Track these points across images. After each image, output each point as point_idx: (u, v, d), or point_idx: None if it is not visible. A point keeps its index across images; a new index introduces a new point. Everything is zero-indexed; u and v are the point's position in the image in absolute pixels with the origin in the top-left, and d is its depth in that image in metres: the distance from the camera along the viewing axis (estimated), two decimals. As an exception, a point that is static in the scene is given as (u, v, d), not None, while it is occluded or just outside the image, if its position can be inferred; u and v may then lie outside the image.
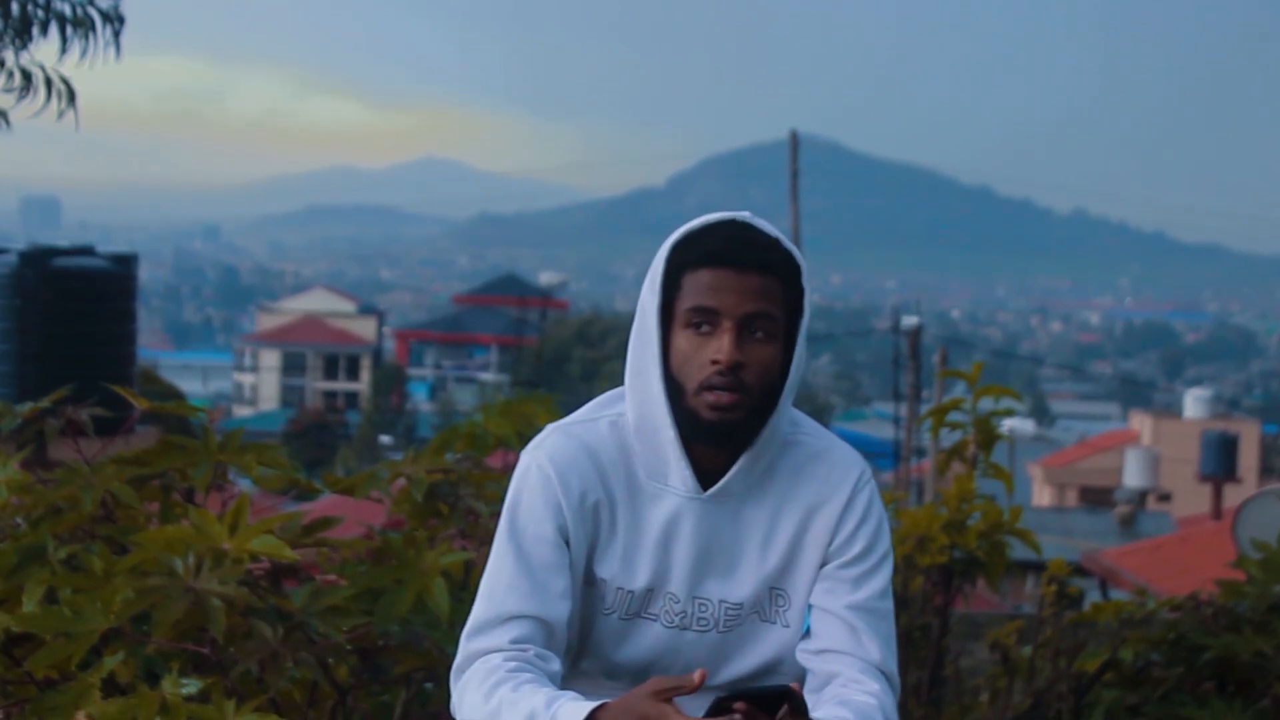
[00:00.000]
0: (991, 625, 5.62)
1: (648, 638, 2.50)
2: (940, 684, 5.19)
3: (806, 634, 2.53)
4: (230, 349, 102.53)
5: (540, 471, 2.48)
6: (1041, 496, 41.39)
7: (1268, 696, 4.47)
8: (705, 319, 2.39)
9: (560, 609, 2.43)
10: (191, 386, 59.40)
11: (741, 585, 2.50)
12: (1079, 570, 16.79)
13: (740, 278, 2.38)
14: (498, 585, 2.44)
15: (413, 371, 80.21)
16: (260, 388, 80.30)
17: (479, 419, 4.51)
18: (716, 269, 2.39)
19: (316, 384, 78.11)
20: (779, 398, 2.45)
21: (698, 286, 2.40)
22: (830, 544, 2.52)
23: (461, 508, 4.00)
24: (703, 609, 2.50)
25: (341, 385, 77.82)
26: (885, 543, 2.56)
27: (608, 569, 2.49)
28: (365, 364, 77.42)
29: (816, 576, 2.53)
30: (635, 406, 2.48)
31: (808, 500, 2.53)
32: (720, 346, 2.38)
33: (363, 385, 74.14)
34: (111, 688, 3.05)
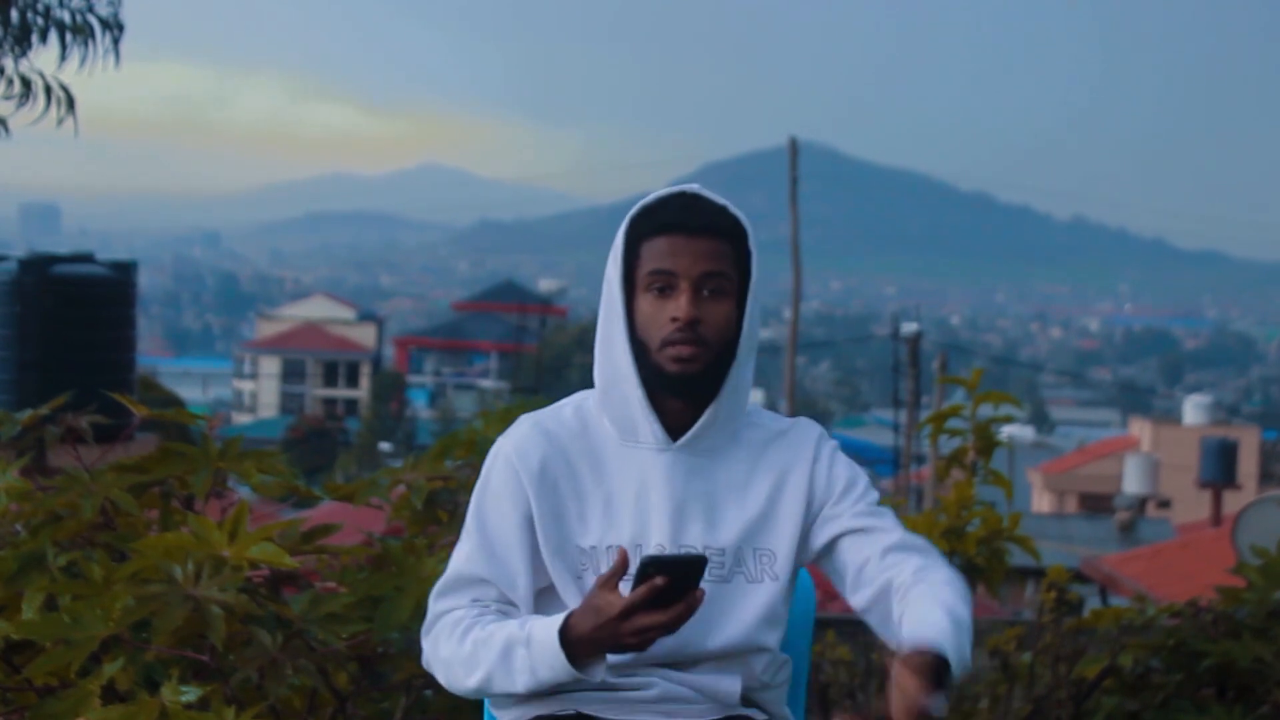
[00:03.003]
0: (991, 631, 5.61)
1: None
2: (940, 690, 5.18)
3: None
4: (230, 356, 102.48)
5: (504, 457, 2.66)
6: (1041, 503, 41.39)
7: (1267, 703, 4.47)
8: (663, 281, 2.58)
9: (520, 582, 2.61)
10: (191, 393, 59.43)
11: (724, 531, 2.63)
12: (1079, 576, 16.80)
13: (693, 242, 2.58)
14: (460, 556, 2.65)
15: (412, 378, 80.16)
16: (260, 395, 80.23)
17: (479, 426, 4.51)
18: (671, 235, 2.59)
19: (316, 391, 78.05)
20: (736, 352, 2.61)
21: (655, 252, 2.59)
22: (812, 498, 2.67)
23: (461, 515, 3.99)
24: None
25: (341, 392, 77.76)
26: (862, 474, 2.73)
27: (592, 535, 2.61)
28: (365, 371, 77.40)
29: (799, 535, 2.65)
30: (603, 370, 2.64)
31: (778, 465, 2.68)
32: (679, 305, 2.56)
33: (362, 392, 74.10)
34: (111, 695, 3.05)
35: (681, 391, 2.60)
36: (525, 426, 2.68)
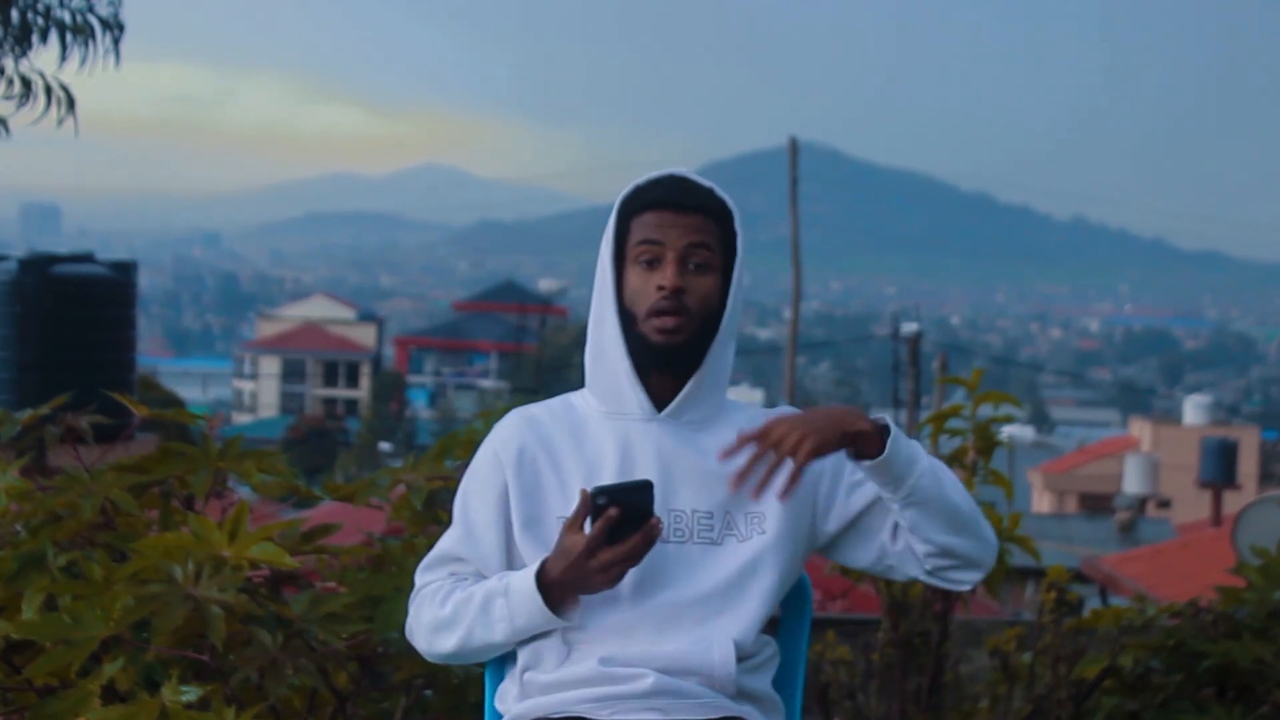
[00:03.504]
0: (991, 632, 5.61)
1: None
2: (940, 690, 5.19)
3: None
4: (230, 356, 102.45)
5: (488, 444, 2.79)
6: (1041, 503, 41.40)
7: (1267, 703, 4.47)
8: (651, 252, 2.69)
9: (493, 562, 2.73)
10: (191, 393, 59.37)
11: (712, 493, 2.69)
12: (1079, 577, 16.80)
13: (679, 217, 2.70)
14: (446, 538, 2.80)
15: (412, 378, 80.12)
16: (260, 395, 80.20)
17: (479, 426, 4.50)
18: (659, 211, 2.71)
19: (316, 391, 78.04)
20: (720, 326, 2.71)
21: (644, 226, 2.71)
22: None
23: (461, 515, 3.99)
24: (677, 520, 2.68)
25: (341, 392, 77.75)
26: None
27: (574, 504, 2.63)
28: (365, 371, 77.39)
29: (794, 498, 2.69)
30: (593, 343, 2.76)
31: None
32: (664, 274, 2.67)
33: (362, 392, 74.08)
34: (111, 695, 3.05)
35: (665, 363, 2.69)
36: (512, 417, 2.81)
